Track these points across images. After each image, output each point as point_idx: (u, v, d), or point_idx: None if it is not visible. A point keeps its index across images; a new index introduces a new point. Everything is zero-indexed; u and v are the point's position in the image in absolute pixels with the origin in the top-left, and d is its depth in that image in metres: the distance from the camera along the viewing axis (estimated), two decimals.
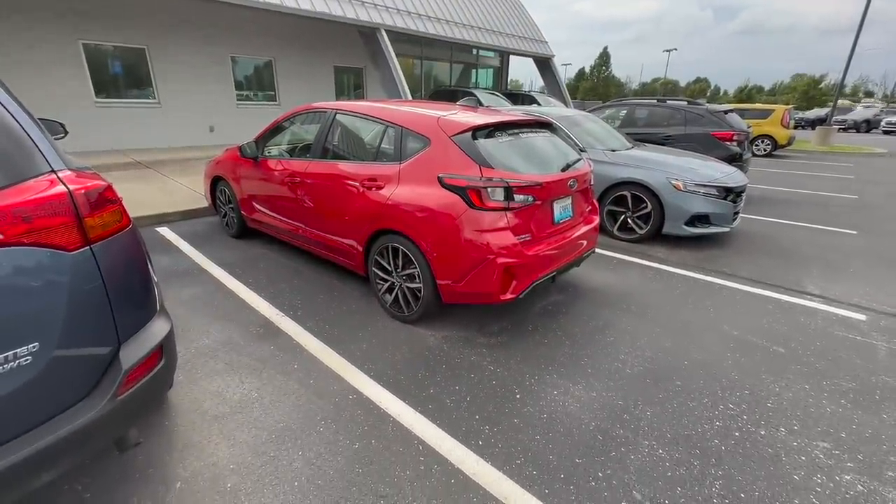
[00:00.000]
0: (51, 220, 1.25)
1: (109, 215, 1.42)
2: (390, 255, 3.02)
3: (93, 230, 1.34)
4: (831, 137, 16.41)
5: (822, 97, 55.74)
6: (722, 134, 6.92)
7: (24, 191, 1.23)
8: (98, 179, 1.45)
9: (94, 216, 1.35)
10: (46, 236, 1.24)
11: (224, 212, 4.85)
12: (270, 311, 3.22)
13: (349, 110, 3.44)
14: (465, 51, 18.22)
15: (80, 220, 1.30)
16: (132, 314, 1.50)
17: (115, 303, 1.40)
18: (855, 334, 3.08)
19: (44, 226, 1.24)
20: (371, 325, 3.06)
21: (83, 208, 1.32)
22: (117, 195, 1.49)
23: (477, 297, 2.72)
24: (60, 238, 1.26)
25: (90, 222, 1.33)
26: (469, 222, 2.58)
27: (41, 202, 1.24)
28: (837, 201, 7.59)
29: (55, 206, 1.26)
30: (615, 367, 2.63)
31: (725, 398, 2.37)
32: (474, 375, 2.53)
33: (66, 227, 1.27)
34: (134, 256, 1.54)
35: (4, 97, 1.36)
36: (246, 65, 12.01)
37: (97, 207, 1.37)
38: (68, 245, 1.28)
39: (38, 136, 1.36)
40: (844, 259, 4.62)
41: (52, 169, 1.35)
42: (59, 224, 1.26)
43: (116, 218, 1.45)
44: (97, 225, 1.36)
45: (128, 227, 1.50)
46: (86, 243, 1.32)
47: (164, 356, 1.58)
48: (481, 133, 2.80)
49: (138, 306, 1.54)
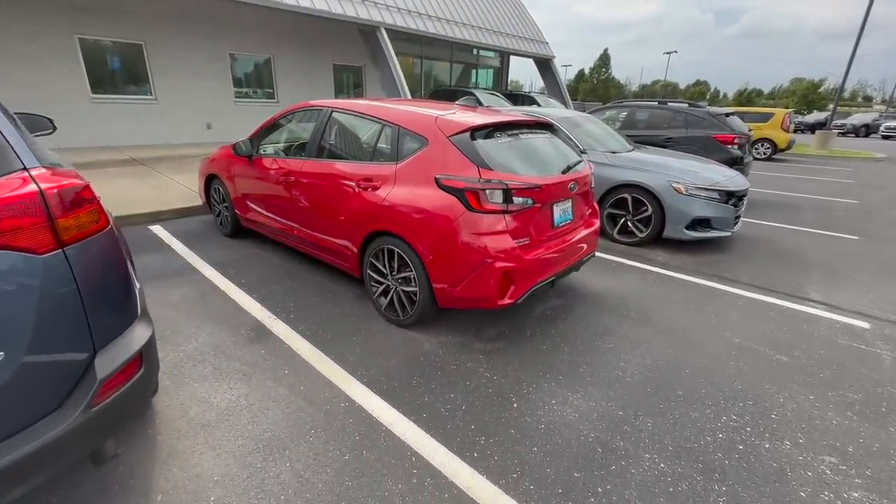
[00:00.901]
0: (20, 220, 1.17)
1: (86, 216, 1.34)
2: (386, 258, 2.95)
3: (66, 232, 1.27)
4: (831, 142, 16.40)
5: (821, 101, 55.85)
6: (723, 137, 6.87)
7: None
8: (75, 178, 1.37)
9: (67, 217, 1.27)
10: (15, 238, 1.16)
11: (218, 211, 4.77)
12: (262, 313, 3.15)
13: (345, 108, 3.36)
14: (466, 51, 18.15)
15: (53, 221, 1.23)
16: (109, 320, 1.42)
17: (91, 308, 1.33)
18: (859, 343, 3.02)
19: (12, 227, 1.16)
20: (365, 329, 2.99)
21: (56, 209, 1.24)
22: (94, 194, 1.41)
23: (474, 302, 2.65)
24: (30, 240, 1.18)
25: (63, 223, 1.26)
26: (466, 225, 2.51)
27: (9, 202, 1.16)
28: (838, 206, 7.54)
29: (25, 206, 1.18)
30: (615, 376, 2.56)
31: (728, 409, 2.31)
32: (470, 383, 2.46)
33: (36, 229, 1.20)
34: (112, 259, 1.46)
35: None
36: (245, 62, 11.92)
37: (72, 208, 1.29)
38: (39, 248, 1.20)
39: (8, 132, 1.28)
40: (847, 265, 4.56)
41: (23, 166, 1.27)
42: (30, 225, 1.19)
43: (93, 219, 1.37)
44: (71, 226, 1.29)
45: (105, 228, 1.42)
46: (58, 245, 1.25)
47: (144, 364, 1.50)
48: (480, 133, 2.72)
49: (116, 311, 1.47)
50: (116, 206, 5.16)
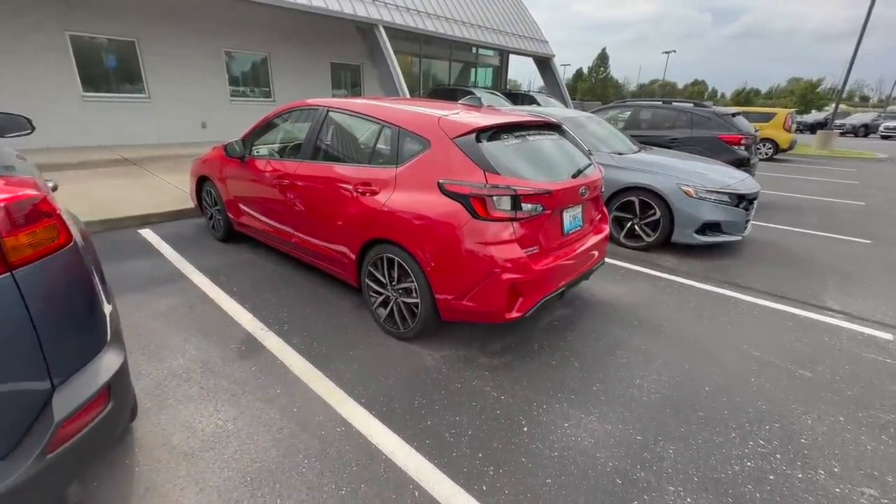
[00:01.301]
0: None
1: (42, 232, 1.17)
2: (385, 267, 2.78)
3: (16, 252, 1.09)
4: (832, 142, 16.29)
5: (819, 101, 55.90)
6: (730, 137, 6.72)
7: None
8: (29, 188, 1.19)
9: (17, 234, 1.10)
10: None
11: (210, 214, 4.59)
12: (254, 324, 2.97)
13: (342, 108, 3.18)
14: (465, 49, 17.96)
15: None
16: (70, 350, 1.25)
17: (46, 339, 1.15)
18: (885, 356, 2.86)
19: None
20: (363, 343, 2.82)
21: (2, 225, 1.06)
22: (54, 207, 1.23)
23: (479, 316, 2.48)
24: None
25: (12, 242, 1.08)
26: (472, 233, 2.33)
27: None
28: (845, 208, 7.40)
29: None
30: (630, 394, 2.40)
31: (754, 433, 2.14)
32: (476, 403, 2.29)
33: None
34: (74, 279, 1.29)
35: None
36: (241, 60, 11.71)
37: (25, 224, 1.12)
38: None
39: None
40: (861, 271, 4.41)
41: None
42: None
43: (51, 235, 1.19)
44: (23, 245, 1.11)
45: (66, 245, 1.25)
46: (5, 269, 1.07)
47: (113, 399, 1.32)
48: (485, 135, 2.55)
49: (79, 340, 1.29)
50: (105, 209, 4.97)
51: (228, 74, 11.34)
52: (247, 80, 11.99)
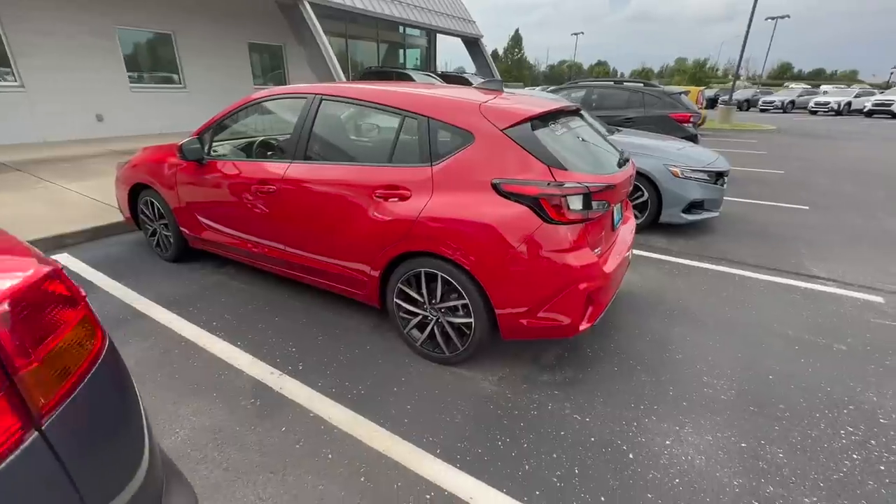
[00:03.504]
0: None
1: (72, 335, 0.65)
2: (423, 284, 2.36)
3: (41, 389, 0.58)
4: (732, 116, 18.15)
5: (706, 79, 62.47)
6: (679, 116, 7.02)
7: None
8: (25, 255, 0.66)
9: (36, 357, 0.58)
10: None
11: (153, 229, 3.74)
12: (259, 368, 2.41)
13: (342, 95, 2.64)
14: (392, 29, 17.13)
15: (10, 380, 0.54)
16: (110, 482, 0.74)
17: (84, 487, 0.65)
18: (889, 320, 3.07)
19: None
20: (403, 374, 2.40)
21: (12, 348, 0.55)
22: (72, 283, 0.71)
23: (549, 332, 2.19)
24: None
25: (31, 378, 0.57)
26: (544, 240, 2.01)
27: None
28: (769, 178, 8.15)
29: None
30: (708, 395, 2.28)
31: (838, 419, 2.13)
32: (564, 433, 2.01)
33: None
34: (117, 399, 0.77)
35: None
36: (138, 39, 9.97)
37: (44, 331, 0.60)
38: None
39: None
40: (818, 237, 4.80)
41: None
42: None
43: (85, 335, 0.68)
44: (47, 376, 0.60)
45: (103, 349, 0.73)
46: (28, 427, 0.56)
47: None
48: (538, 124, 2.22)
49: (118, 469, 0.78)
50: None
51: (124, 57, 9.61)
52: (149, 64, 10.27)
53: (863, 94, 27.40)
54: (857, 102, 26.08)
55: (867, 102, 24.99)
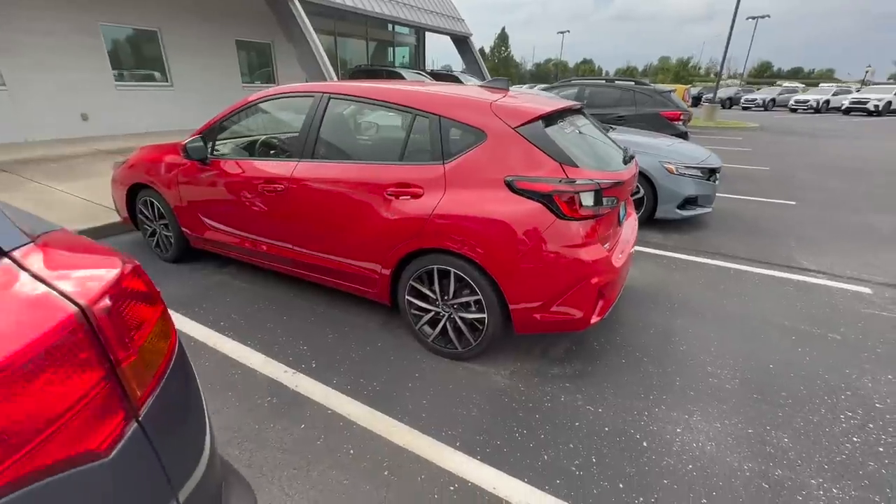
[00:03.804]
0: (60, 403, 0.50)
1: (158, 328, 0.67)
2: (435, 280, 2.39)
3: (137, 380, 0.60)
4: (716, 114, 18.50)
5: (689, 77, 63.51)
6: (670, 113, 7.15)
7: None
8: (107, 253, 0.67)
9: (133, 350, 0.60)
10: (53, 450, 0.49)
11: (152, 230, 3.70)
12: (273, 367, 2.42)
13: (350, 94, 2.65)
14: (381, 27, 17.05)
15: (115, 372, 0.56)
16: (186, 460, 0.77)
17: (171, 470, 0.67)
18: (877, 310, 3.19)
19: (46, 430, 0.49)
20: (416, 370, 2.43)
21: (114, 342, 0.57)
22: (150, 281, 0.72)
23: (562, 325, 2.24)
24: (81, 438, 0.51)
25: (131, 369, 0.59)
26: (559, 236, 2.06)
27: (19, 359, 0.47)
28: (756, 174, 8.36)
29: (60, 361, 0.50)
30: (713, 384, 2.36)
31: (837, 405, 2.22)
32: (579, 424, 2.07)
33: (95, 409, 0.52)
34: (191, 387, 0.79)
35: None
36: (123, 36, 9.75)
37: (135, 326, 0.62)
38: (100, 444, 0.53)
39: None
40: (807, 231, 4.95)
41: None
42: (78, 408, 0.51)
43: (164, 330, 0.70)
44: (140, 368, 0.62)
45: (175, 343, 0.75)
46: (130, 417, 0.58)
47: None
48: (548, 123, 2.27)
49: (192, 447, 0.81)
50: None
51: (110, 54, 9.40)
52: (134, 61, 10.05)
53: (840, 93, 28.17)
54: (835, 100, 26.81)
55: (844, 100, 25.70)
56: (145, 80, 10.26)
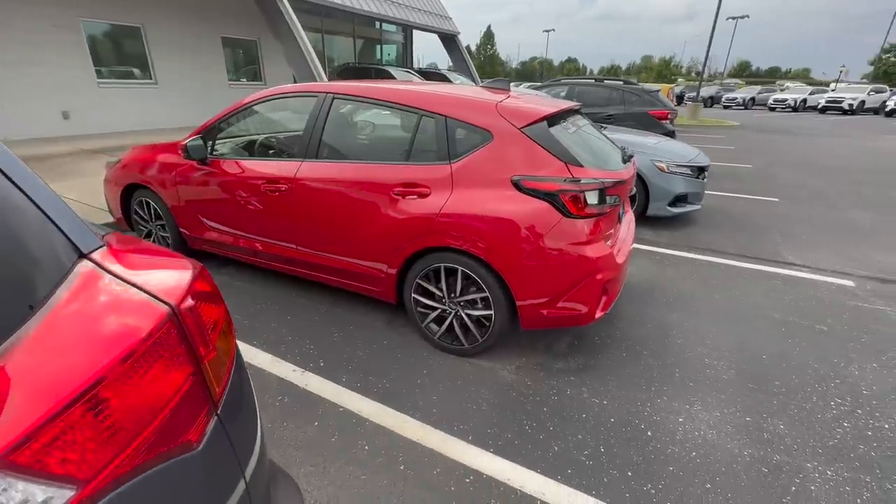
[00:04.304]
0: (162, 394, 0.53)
1: (227, 328, 0.70)
2: (442, 278, 2.43)
3: (217, 378, 0.63)
4: (699, 112, 18.88)
5: (672, 76, 64.57)
6: (658, 112, 7.30)
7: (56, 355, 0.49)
8: (174, 256, 0.70)
9: (212, 347, 0.63)
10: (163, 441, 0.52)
11: (148, 230, 3.65)
12: (281, 366, 2.43)
13: (354, 94, 2.67)
14: (369, 25, 16.94)
15: (201, 368, 0.59)
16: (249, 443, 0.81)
17: (241, 454, 0.71)
18: (860, 302, 3.34)
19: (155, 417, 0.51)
20: (424, 366, 2.47)
21: (199, 341, 0.60)
22: (212, 280, 0.75)
23: (568, 321, 2.30)
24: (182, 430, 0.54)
25: (210, 368, 0.62)
26: (565, 234, 2.12)
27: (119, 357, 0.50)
28: (740, 171, 8.58)
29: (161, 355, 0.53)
30: (711, 375, 2.45)
31: (827, 393, 2.33)
32: (586, 415, 2.13)
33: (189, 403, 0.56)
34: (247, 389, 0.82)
35: None
36: (105, 33, 9.53)
37: (209, 325, 0.65)
38: (194, 434, 0.56)
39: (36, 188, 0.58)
40: (791, 227, 5.13)
41: (79, 251, 0.59)
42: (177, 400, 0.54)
43: (228, 328, 0.73)
44: (217, 367, 0.65)
45: (236, 342, 0.78)
46: (213, 410, 0.61)
47: None
48: (552, 123, 2.32)
49: (253, 430, 0.84)
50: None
51: (91, 51, 9.17)
52: (118, 58, 9.83)
53: (816, 92, 29.00)
54: (811, 99, 27.58)
55: (821, 100, 26.47)
56: (129, 78, 10.04)
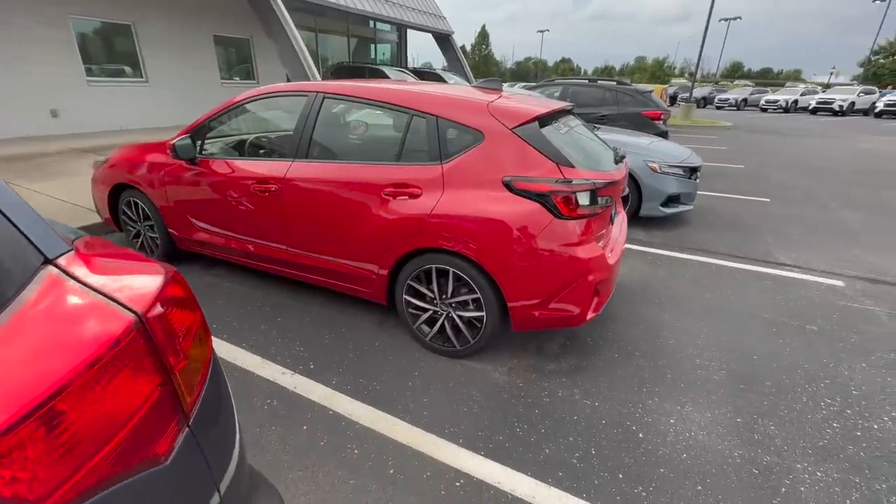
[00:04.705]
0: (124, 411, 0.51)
1: (201, 334, 0.68)
2: (434, 279, 2.41)
3: (189, 389, 0.61)
4: (692, 113, 19.00)
5: (665, 77, 64.94)
6: (651, 113, 7.32)
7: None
8: (150, 261, 0.68)
9: (183, 356, 0.61)
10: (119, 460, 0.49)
11: (137, 231, 3.60)
12: (269, 368, 2.40)
13: (345, 94, 2.64)
14: (363, 24, 16.88)
15: (171, 378, 0.56)
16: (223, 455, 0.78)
17: (215, 467, 0.68)
18: (849, 302, 3.36)
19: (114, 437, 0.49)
20: (415, 368, 2.45)
21: (169, 351, 0.57)
22: (189, 287, 0.73)
23: (560, 322, 2.30)
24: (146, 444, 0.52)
25: (181, 378, 0.60)
26: (556, 235, 2.11)
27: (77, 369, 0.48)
28: (732, 171, 8.63)
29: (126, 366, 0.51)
30: (702, 376, 2.45)
31: (817, 393, 2.34)
32: (577, 417, 2.13)
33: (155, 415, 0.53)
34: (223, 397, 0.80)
35: None
36: (95, 30, 9.41)
37: (182, 332, 0.62)
38: (160, 448, 0.54)
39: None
40: (782, 227, 5.16)
41: (44, 256, 0.56)
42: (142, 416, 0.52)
43: (203, 334, 0.70)
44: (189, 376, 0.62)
45: (212, 349, 0.76)
46: (184, 423, 0.59)
47: None
48: (544, 123, 2.31)
49: (227, 442, 0.82)
50: None
51: (81, 49, 9.05)
52: (108, 56, 9.71)
53: (807, 93, 29.28)
54: (802, 100, 27.84)
55: (812, 101, 26.72)
56: (119, 76, 9.92)
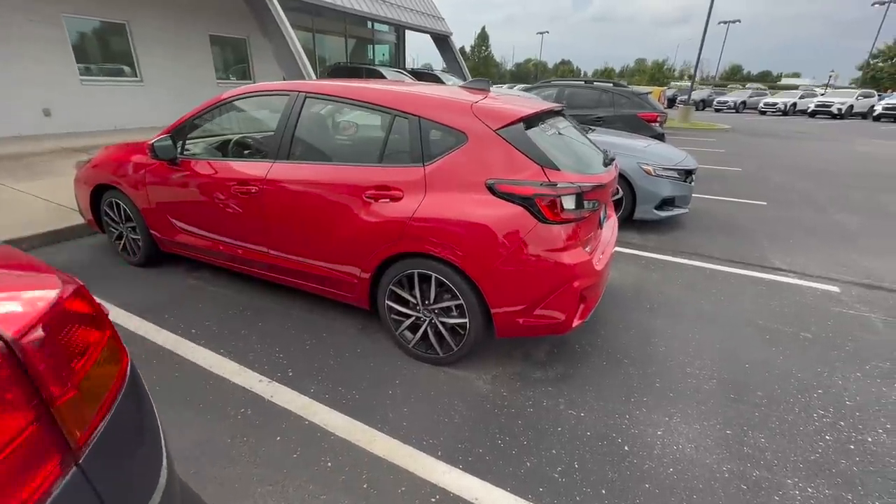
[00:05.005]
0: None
1: (104, 356, 0.61)
2: (416, 285, 2.35)
3: (77, 422, 0.54)
4: (691, 115, 18.96)
5: (664, 79, 65.00)
6: (647, 115, 7.27)
7: None
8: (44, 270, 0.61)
9: (70, 384, 0.54)
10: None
11: (119, 232, 3.53)
12: (247, 376, 2.33)
13: (328, 94, 2.57)
14: (360, 24, 16.83)
15: (48, 410, 0.49)
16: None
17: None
18: (845, 308, 3.30)
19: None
20: (396, 376, 2.38)
21: (50, 381, 0.50)
22: (96, 302, 0.66)
23: (545, 329, 2.23)
24: (13, 495, 0.45)
25: (67, 410, 0.52)
26: (540, 240, 2.04)
27: None
28: (729, 174, 8.58)
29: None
30: (692, 385, 2.38)
31: (810, 404, 2.27)
32: (561, 429, 2.05)
33: (23, 457, 0.46)
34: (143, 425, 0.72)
35: None
36: (89, 29, 9.35)
37: (75, 356, 0.55)
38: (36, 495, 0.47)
39: None
40: (778, 231, 5.10)
41: None
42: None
43: (111, 357, 0.63)
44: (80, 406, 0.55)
45: (127, 369, 0.69)
46: (70, 464, 0.52)
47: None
48: (529, 125, 2.24)
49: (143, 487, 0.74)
50: None
51: (74, 47, 8.99)
52: (102, 55, 9.65)
53: (806, 96, 29.25)
54: (801, 103, 27.81)
55: (810, 104, 26.70)
56: (113, 75, 9.86)
